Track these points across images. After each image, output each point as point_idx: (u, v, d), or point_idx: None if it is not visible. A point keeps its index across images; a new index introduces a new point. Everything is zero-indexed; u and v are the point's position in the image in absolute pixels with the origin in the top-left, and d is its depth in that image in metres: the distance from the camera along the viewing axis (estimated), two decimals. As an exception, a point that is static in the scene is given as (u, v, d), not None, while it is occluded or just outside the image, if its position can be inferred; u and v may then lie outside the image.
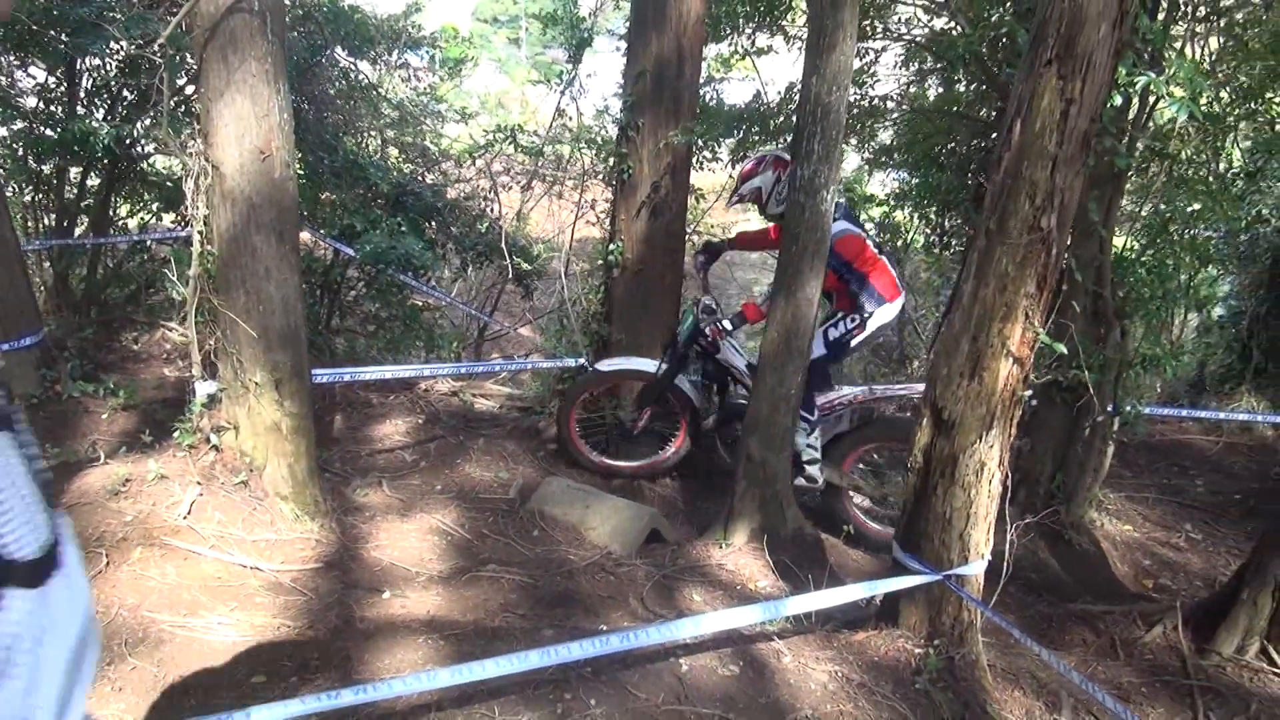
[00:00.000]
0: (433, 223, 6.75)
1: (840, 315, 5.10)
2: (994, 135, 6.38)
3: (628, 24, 5.89)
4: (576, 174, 7.07)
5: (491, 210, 6.92)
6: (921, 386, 5.37)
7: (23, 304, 5.05)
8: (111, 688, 2.85)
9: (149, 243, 6.97)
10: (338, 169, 6.46)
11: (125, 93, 6.75)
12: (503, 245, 6.11)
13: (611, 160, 5.78)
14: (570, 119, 7.12)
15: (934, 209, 7.11)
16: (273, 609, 3.47)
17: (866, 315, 5.01)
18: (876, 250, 5.12)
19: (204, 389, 4.19)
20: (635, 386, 5.64)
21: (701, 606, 3.91)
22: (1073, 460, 4.86)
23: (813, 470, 5.09)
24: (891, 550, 3.52)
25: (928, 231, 7.42)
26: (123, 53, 6.42)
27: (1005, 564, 3.38)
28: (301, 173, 6.22)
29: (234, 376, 4.05)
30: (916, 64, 6.96)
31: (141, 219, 7.60)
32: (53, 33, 6.12)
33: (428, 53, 8.10)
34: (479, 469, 5.39)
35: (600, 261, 5.93)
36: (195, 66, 4.29)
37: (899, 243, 7.90)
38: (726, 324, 5.18)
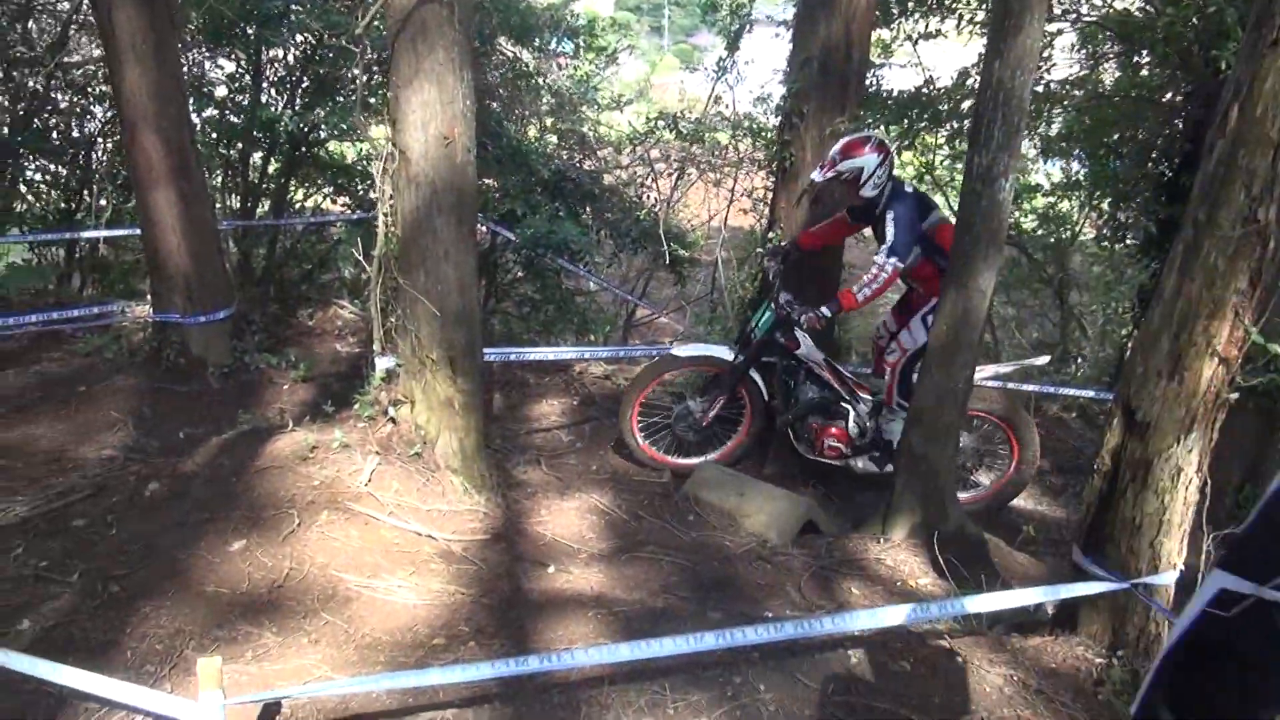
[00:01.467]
0: (589, 208, 6.87)
1: (938, 300, 4.94)
2: (1180, 122, 6.01)
3: (794, 10, 5.82)
4: (731, 161, 7.06)
5: (648, 197, 6.98)
6: (994, 369, 5.43)
7: (218, 280, 5.42)
8: (308, 639, 3.05)
9: (329, 224, 7.34)
10: (500, 155, 6.66)
11: (305, 81, 7.13)
12: (659, 231, 6.16)
13: (773, 147, 5.73)
14: (726, 106, 7.11)
15: (1108, 200, 6.76)
16: (446, 576, 3.62)
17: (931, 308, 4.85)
18: None
19: (383, 364, 4.40)
20: (698, 380, 5.49)
21: (860, 600, 3.86)
22: (1268, 470, 4.54)
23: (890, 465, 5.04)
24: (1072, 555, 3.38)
25: (1099, 224, 7.05)
26: (306, 44, 6.79)
27: (1200, 575, 3.19)
28: (468, 158, 6.44)
29: (412, 353, 4.24)
30: (1092, 46, 6.62)
31: (315, 202, 8.04)
32: (243, 25, 6.53)
33: (583, 41, 8.23)
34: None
35: (756, 250, 5.90)
36: (383, 56, 4.50)
37: (1065, 235, 7.54)
38: (825, 310, 4.88)
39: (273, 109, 6.61)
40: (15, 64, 6.51)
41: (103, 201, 7.01)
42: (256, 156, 7.46)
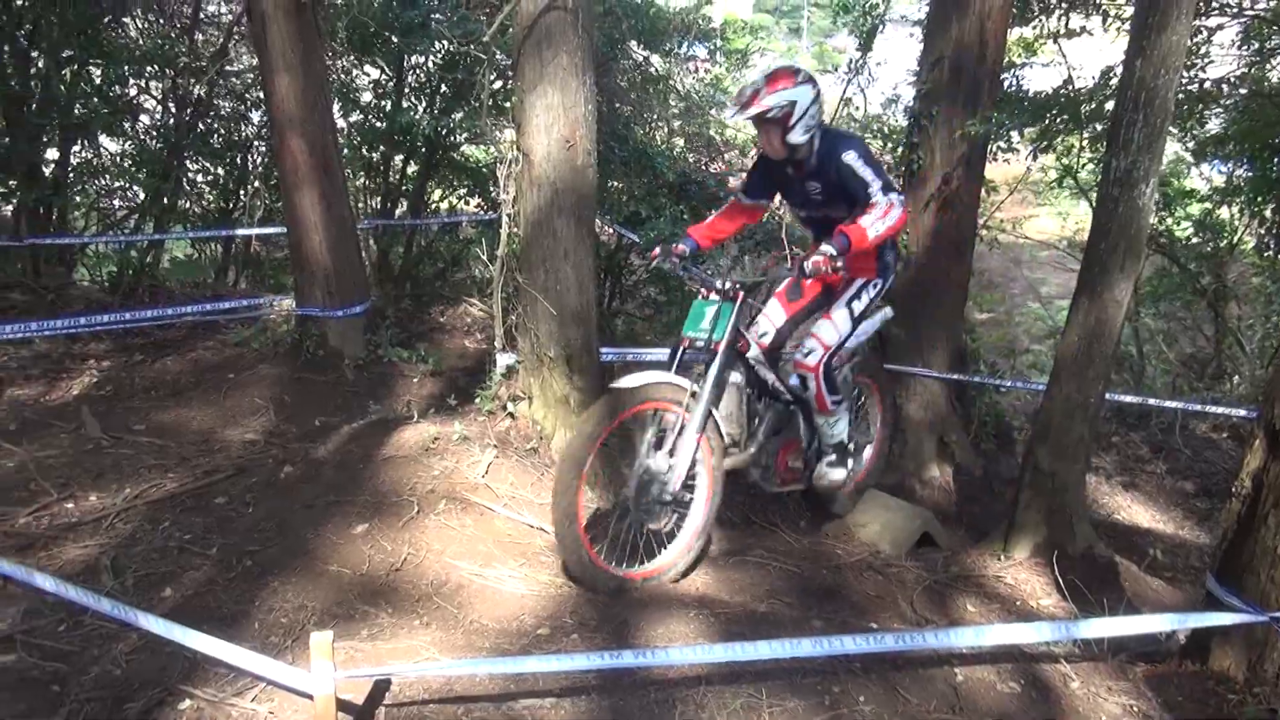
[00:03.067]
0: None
1: (862, 283, 4.11)
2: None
3: (926, 9, 5.68)
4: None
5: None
6: None
7: (356, 276, 5.70)
8: (419, 621, 3.18)
9: (462, 224, 7.61)
10: (626, 158, 6.75)
11: (443, 87, 7.41)
12: (781, 235, 6.11)
13: (900, 150, 5.61)
14: (857, 108, 6.99)
15: (1270, 206, 6.29)
16: (554, 569, 3.70)
17: (891, 277, 4.18)
18: None
19: (504, 360, 4.54)
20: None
21: (975, 618, 3.73)
22: None
23: (853, 451, 4.49)
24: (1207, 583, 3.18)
25: (1261, 231, 6.57)
26: (444, 51, 7.05)
27: (1351, 612, 2.95)
28: (594, 161, 6.57)
29: (531, 350, 4.36)
30: (1258, 42, 6.19)
31: (450, 203, 8.34)
32: (387, 34, 6.84)
33: (715, 44, 8.25)
34: (747, 456, 5.44)
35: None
36: (511, 61, 4.64)
37: (1223, 244, 7.06)
38: (830, 248, 3.59)
39: (412, 114, 6.90)
40: (182, 73, 7.01)
41: (256, 201, 7.48)
42: (397, 159, 7.80)
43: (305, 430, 4.84)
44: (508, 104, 6.13)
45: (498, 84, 6.83)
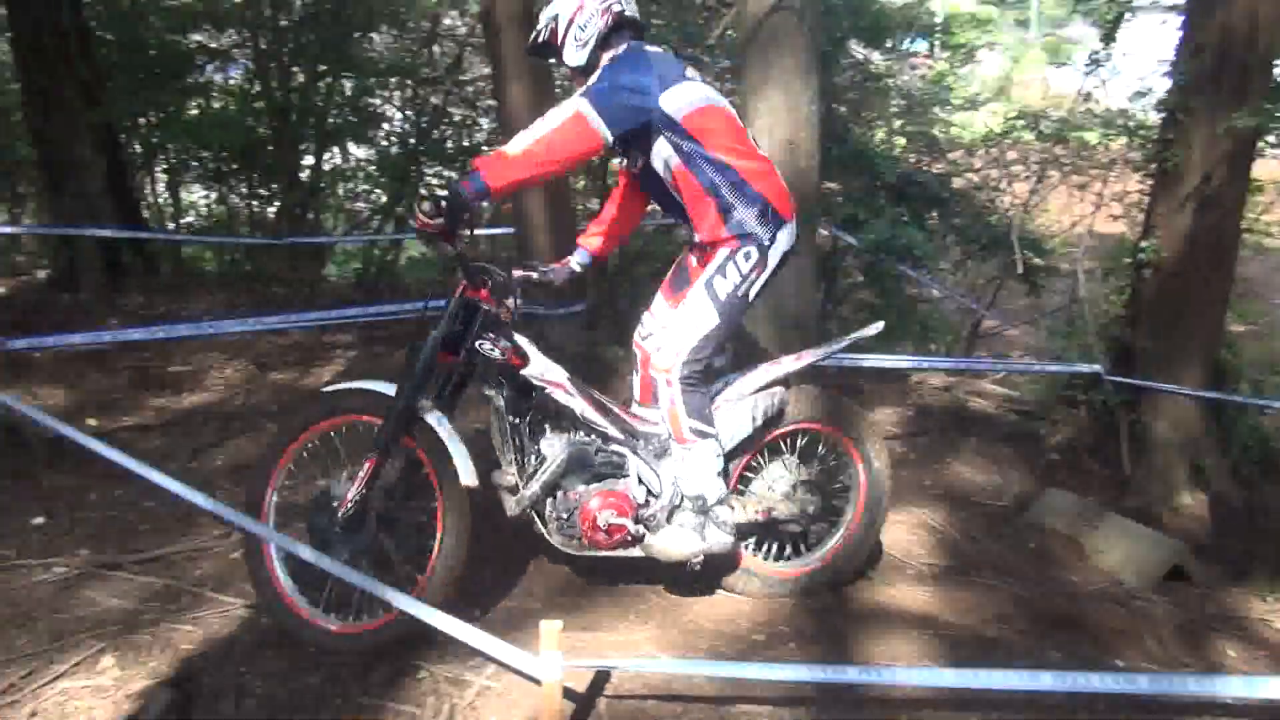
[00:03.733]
0: (935, 213, 6.61)
1: (727, 255, 3.04)
2: None
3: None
4: (1101, 163, 6.45)
5: (1001, 201, 6.58)
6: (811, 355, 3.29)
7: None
8: (637, 616, 3.23)
9: (680, 226, 7.70)
10: (844, 158, 6.60)
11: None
12: (1013, 238, 5.76)
13: (1152, 147, 5.16)
14: (1097, 102, 6.50)
15: None
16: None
17: (767, 245, 3.04)
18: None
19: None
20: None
21: (1238, 665, 3.36)
22: None
23: (726, 515, 3.11)
24: None
25: None
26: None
27: None
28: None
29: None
30: None
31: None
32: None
33: (937, 39, 7.93)
34: (970, 470, 5.18)
35: (1126, 260, 5.34)
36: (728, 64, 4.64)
37: None
38: (459, 192, 2.75)
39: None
40: (421, 83, 7.51)
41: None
42: (615, 161, 8.01)
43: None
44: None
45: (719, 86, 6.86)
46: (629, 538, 3.09)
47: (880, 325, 3.49)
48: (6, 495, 4.02)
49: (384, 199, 7.76)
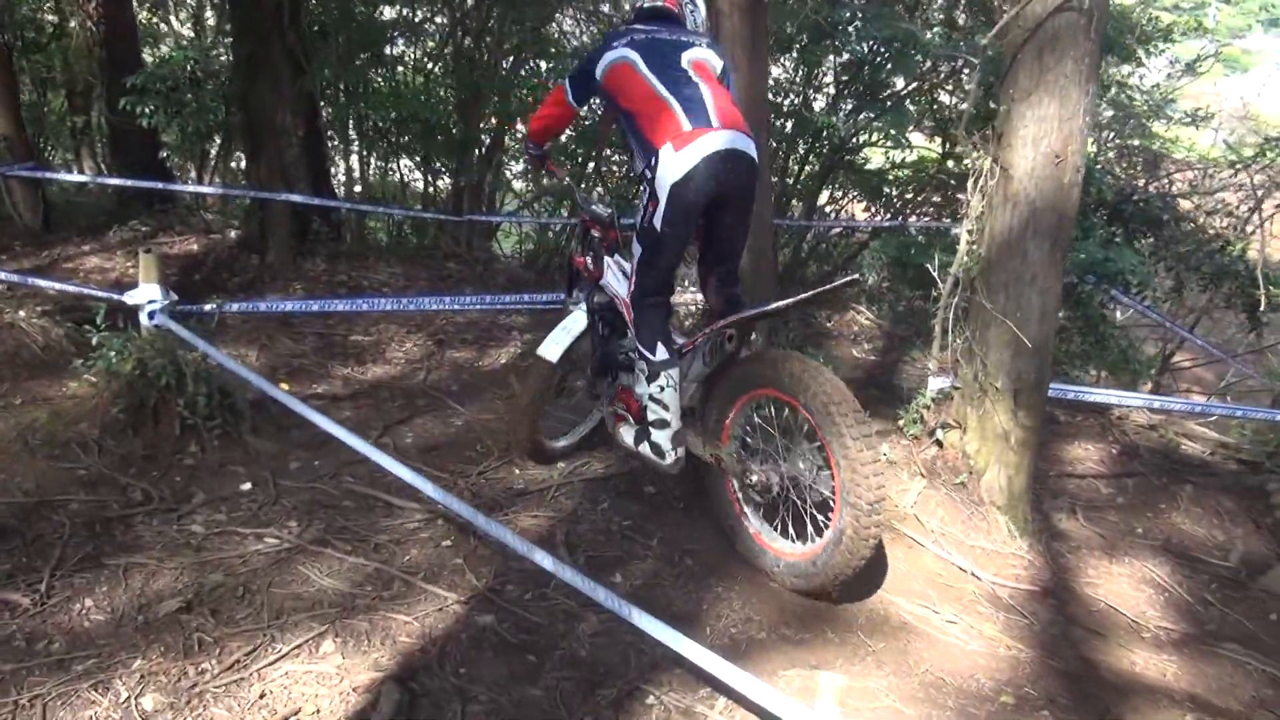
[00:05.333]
0: (1152, 235, 6.11)
1: (641, 194, 3.36)
2: None
3: None
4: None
5: (1240, 230, 6.02)
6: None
7: (770, 272, 5.65)
8: (872, 659, 3.00)
9: (861, 228, 7.41)
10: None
11: (856, 88, 7.22)
12: (1258, 272, 5.24)
13: None
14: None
15: None
16: (998, 624, 3.39)
17: (650, 178, 3.21)
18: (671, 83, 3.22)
19: (937, 383, 4.25)
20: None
21: None
22: None
23: (661, 438, 3.40)
24: None
25: None
26: (862, 52, 6.83)
27: None
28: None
29: (973, 378, 4.03)
30: None
31: (838, 206, 8.15)
32: (802, 36, 6.75)
33: (1163, 50, 7.35)
34: (1188, 521, 4.76)
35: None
36: (999, 69, 4.31)
37: None
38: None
39: (830, 115, 6.77)
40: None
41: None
42: (792, 160, 7.73)
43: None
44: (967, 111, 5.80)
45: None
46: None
47: (855, 276, 4.04)
48: (216, 457, 4.05)
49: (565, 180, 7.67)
